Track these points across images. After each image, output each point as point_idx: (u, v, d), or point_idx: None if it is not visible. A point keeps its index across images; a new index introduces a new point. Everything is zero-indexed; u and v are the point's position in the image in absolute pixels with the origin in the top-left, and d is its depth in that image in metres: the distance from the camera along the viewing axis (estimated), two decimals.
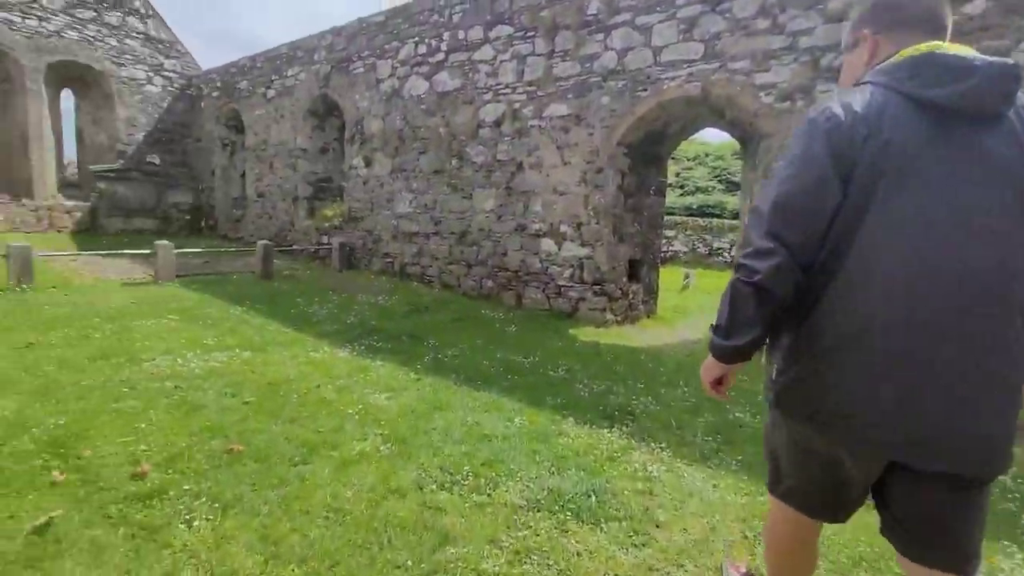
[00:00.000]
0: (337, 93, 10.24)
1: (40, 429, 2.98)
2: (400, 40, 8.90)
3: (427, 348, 5.24)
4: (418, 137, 8.79)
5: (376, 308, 6.94)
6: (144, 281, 7.60)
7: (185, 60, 13.80)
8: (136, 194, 13.08)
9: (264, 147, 12.19)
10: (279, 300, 7.00)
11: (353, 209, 10.12)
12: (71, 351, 4.35)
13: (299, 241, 11.38)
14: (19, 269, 6.08)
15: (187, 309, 6.09)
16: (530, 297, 7.37)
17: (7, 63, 11.11)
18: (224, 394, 3.71)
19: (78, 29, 11.83)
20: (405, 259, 9.20)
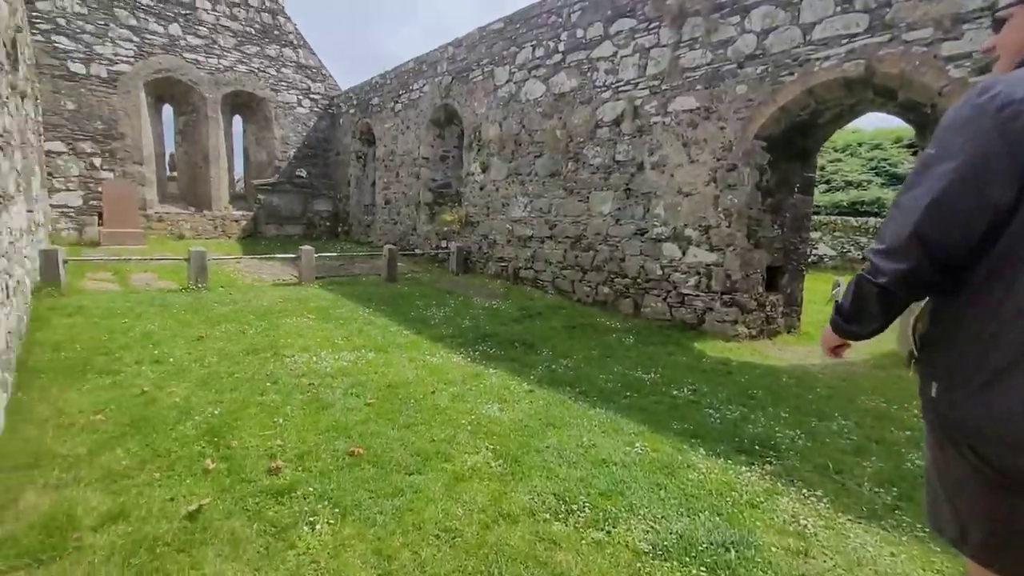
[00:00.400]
0: (457, 102, 10.61)
1: (200, 417, 3.34)
2: (517, 45, 8.93)
3: (540, 357, 5.09)
4: (534, 141, 8.74)
5: (490, 312, 6.98)
6: (290, 282, 8.48)
7: (328, 83, 15.37)
8: (287, 203, 14.85)
9: (391, 157, 13.08)
10: (401, 302, 7.35)
11: (470, 214, 10.40)
12: (230, 344, 4.91)
13: (420, 245, 12.01)
14: (196, 271, 7.11)
15: (323, 308, 6.63)
16: (649, 306, 6.90)
17: (194, 97, 13.28)
18: (349, 394, 3.89)
19: (246, 63, 13.75)
20: (519, 263, 9.21)
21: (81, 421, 3.19)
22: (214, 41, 13.27)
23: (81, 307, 5.75)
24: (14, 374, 3.76)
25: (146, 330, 5.15)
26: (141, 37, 12.22)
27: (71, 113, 11.54)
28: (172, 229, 13.07)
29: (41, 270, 6.12)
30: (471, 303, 7.53)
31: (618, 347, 5.58)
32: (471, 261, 10.38)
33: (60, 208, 11.60)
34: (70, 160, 11.64)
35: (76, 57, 11.48)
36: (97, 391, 3.67)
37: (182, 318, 5.72)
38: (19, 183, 5.58)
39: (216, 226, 13.81)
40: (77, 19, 11.43)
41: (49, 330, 4.93)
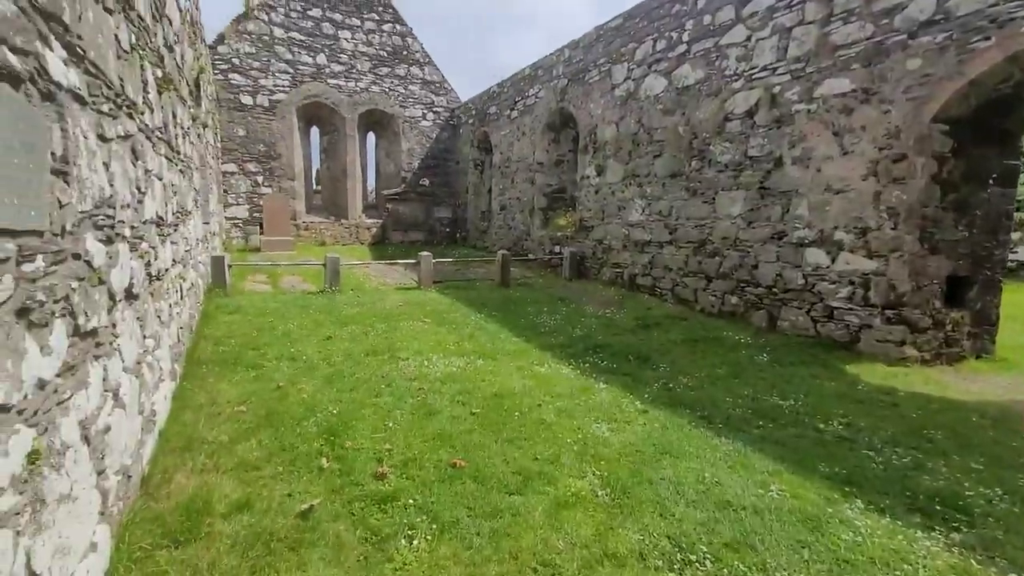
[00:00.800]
0: (572, 105, 10.42)
1: (322, 415, 3.55)
2: (637, 40, 8.49)
3: (656, 373, 4.68)
4: (653, 140, 8.23)
5: (603, 321, 6.66)
6: (410, 286, 8.96)
7: (450, 96, 16.17)
8: (411, 211, 15.88)
9: (507, 164, 13.30)
10: (512, 308, 7.34)
11: (584, 218, 10.14)
12: (354, 345, 5.24)
13: (534, 250, 12.01)
14: (331, 275, 7.81)
15: (438, 312, 6.85)
16: (788, 319, 6.05)
17: (335, 118, 14.81)
18: (456, 401, 3.89)
19: (378, 83, 15.01)
20: (635, 270, 8.74)
21: (228, 411, 3.56)
22: (352, 66, 14.66)
23: (240, 307, 6.58)
24: (183, 364, 4.36)
25: (287, 329, 5.71)
26: (295, 68, 13.92)
27: (241, 139, 13.52)
28: (316, 236, 14.67)
29: (212, 273, 7.14)
30: (583, 311, 7.27)
31: (748, 366, 4.94)
32: (585, 267, 10.10)
33: (232, 220, 13.63)
34: (240, 179, 13.63)
35: (246, 90, 13.43)
36: (243, 383, 4.09)
37: (316, 318, 6.27)
38: (197, 200, 6.55)
39: (351, 233, 15.21)
40: (248, 58, 13.36)
41: (214, 326, 5.69)
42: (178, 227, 4.63)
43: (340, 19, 14.40)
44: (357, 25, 14.63)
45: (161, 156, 3.87)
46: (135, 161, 2.92)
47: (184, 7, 5.96)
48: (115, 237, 2.38)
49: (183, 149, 5.29)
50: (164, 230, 3.82)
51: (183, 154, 5.27)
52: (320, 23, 14.15)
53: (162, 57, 4.08)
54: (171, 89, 4.58)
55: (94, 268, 2.05)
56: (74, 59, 1.94)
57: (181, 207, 4.96)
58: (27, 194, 1.44)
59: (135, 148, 2.93)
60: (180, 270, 4.66)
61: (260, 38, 13.44)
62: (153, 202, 3.41)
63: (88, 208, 2.02)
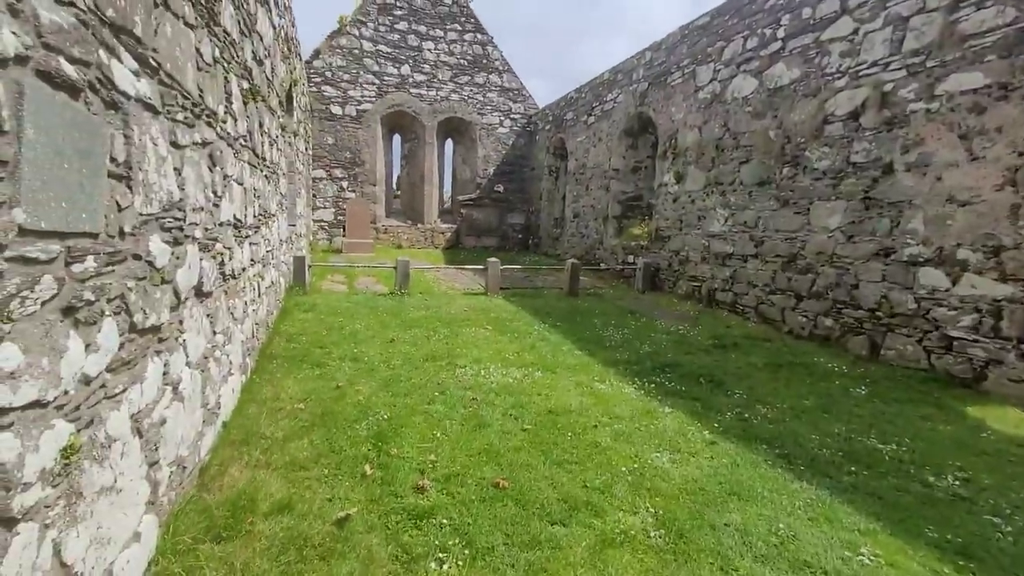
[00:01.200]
0: (652, 109, 9.99)
1: (373, 419, 3.56)
2: (725, 39, 7.95)
3: (730, 400, 4.26)
4: (739, 145, 7.64)
5: (675, 338, 6.24)
6: (477, 292, 8.98)
7: (528, 103, 16.21)
8: (485, 217, 16.07)
9: (582, 170, 13.05)
10: (578, 319, 7.10)
11: (660, 228, 9.65)
12: (414, 349, 5.28)
13: (606, 259, 11.65)
14: (401, 278, 8.01)
15: (501, 320, 6.77)
16: (894, 348, 5.30)
17: (416, 126, 15.36)
18: (508, 415, 3.75)
19: (458, 92, 15.37)
20: (714, 284, 8.15)
21: (288, 407, 3.68)
22: (434, 76, 15.14)
23: (315, 305, 6.91)
24: (256, 359, 4.60)
25: (354, 329, 5.89)
26: (381, 79, 14.62)
27: (330, 147, 14.40)
28: (393, 240, 15.26)
29: (293, 273, 7.59)
30: (654, 325, 6.87)
31: (842, 399, 4.36)
32: (659, 279, 9.61)
33: (319, 222, 14.53)
34: (327, 184, 14.51)
35: (336, 101, 14.29)
36: (307, 381, 4.23)
37: (383, 320, 6.43)
38: (282, 204, 6.98)
39: (426, 237, 15.66)
40: (339, 71, 14.23)
41: (289, 322, 6.00)
42: (259, 229, 4.91)
43: (424, 31, 14.94)
44: (440, 36, 15.10)
45: (243, 162, 4.11)
46: (212, 167, 3.09)
47: (278, 24, 6.39)
48: (184, 239, 2.51)
49: (269, 156, 5.64)
50: (242, 232, 4.04)
51: (269, 161, 5.61)
52: (406, 35, 14.76)
53: (249, 70, 4.34)
54: (258, 100, 4.88)
55: (157, 268, 2.14)
56: (147, 70, 2.04)
57: (264, 210, 5.28)
58: (78, 198, 1.50)
59: (213, 154, 3.09)
60: (259, 269, 4.94)
61: (351, 52, 14.26)
62: (231, 205, 3.60)
63: (154, 211, 2.12)
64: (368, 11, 14.37)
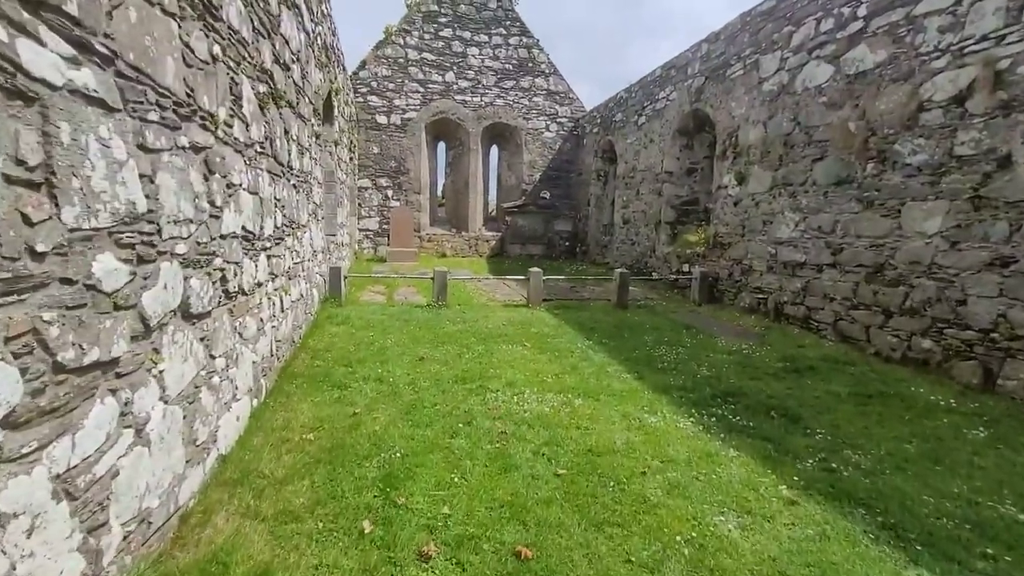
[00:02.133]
0: (709, 105, 9.19)
1: (387, 455, 3.13)
2: (794, 23, 7.11)
3: (810, 441, 3.53)
4: (812, 140, 6.77)
5: (738, 359, 5.49)
6: (519, 303, 8.50)
7: (575, 105, 15.65)
8: (530, 224, 15.61)
9: (632, 174, 12.33)
10: (627, 335, 6.47)
11: (719, 234, 8.82)
12: (444, 369, 4.86)
13: (658, 268, 10.88)
14: (438, 289, 7.67)
15: (542, 336, 6.25)
16: (1017, 377, 4.35)
17: (461, 132, 15.16)
18: (540, 454, 3.23)
19: (503, 97, 15.05)
20: (783, 296, 7.26)
21: (296, 438, 3.32)
22: (479, 81, 14.89)
23: (348, 318, 6.66)
24: (276, 378, 4.32)
25: (384, 344, 5.55)
26: (425, 87, 14.53)
27: (375, 156, 14.44)
28: (437, 248, 15.09)
29: (330, 284, 7.41)
30: (713, 343, 6.13)
31: (955, 443, 3.52)
32: (718, 290, 8.77)
33: (364, 231, 14.58)
34: (372, 193, 14.55)
35: (381, 111, 14.33)
36: (323, 405, 3.89)
37: (416, 334, 6.07)
38: (317, 214, 6.80)
39: (470, 245, 15.39)
40: (384, 81, 14.27)
41: (318, 336, 5.75)
42: (282, 241, 4.66)
43: (469, 36, 14.74)
44: (485, 41, 14.85)
45: (260, 170, 3.84)
46: (209, 174, 2.79)
47: (312, 30, 6.21)
48: (156, 256, 2.18)
49: (299, 165, 5.43)
50: (256, 244, 3.76)
51: (298, 169, 5.40)
52: (450, 42, 14.62)
53: (269, 73, 4.09)
54: (282, 106, 4.64)
55: (105, 292, 1.80)
56: (94, 59, 1.71)
57: (291, 221, 5.04)
58: None
59: (210, 161, 2.79)
60: (282, 283, 4.69)
61: (395, 61, 14.27)
62: (238, 216, 3.31)
63: (103, 224, 1.78)
64: (413, 20, 14.35)
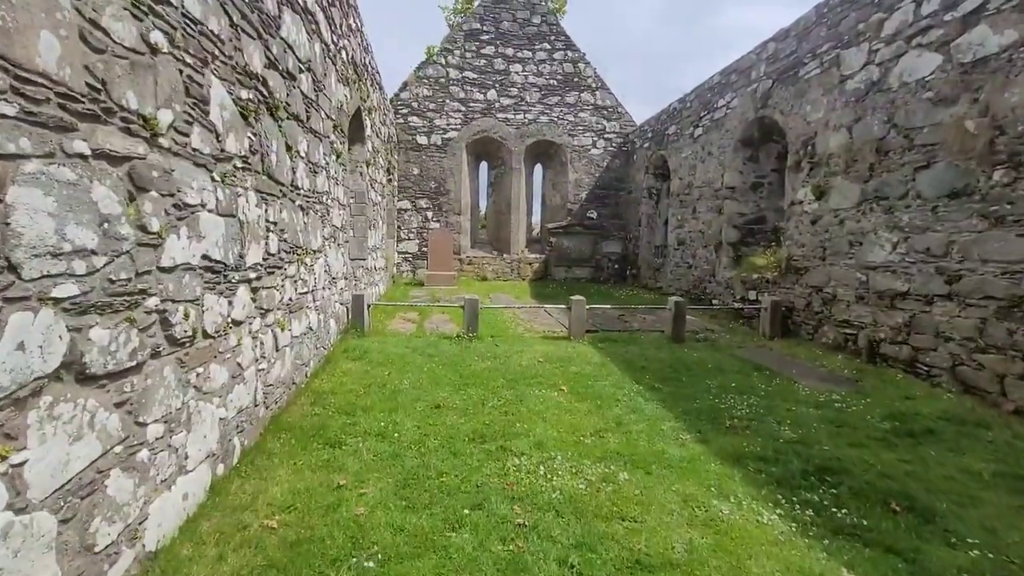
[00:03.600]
0: (778, 111, 8.09)
1: (366, 554, 2.36)
2: (885, 9, 6.00)
3: (961, 558, 2.43)
4: (913, 144, 5.59)
5: (830, 414, 4.36)
6: (559, 335, 7.62)
7: (624, 120, 14.78)
8: (576, 246, 14.72)
9: (687, 191, 11.26)
10: (685, 377, 5.45)
11: (793, 257, 7.62)
12: (462, 421, 4.06)
13: (719, 295, 9.69)
14: (468, 319, 6.93)
15: (583, 377, 5.35)
16: None
17: (503, 151, 14.62)
18: (568, 566, 2.35)
19: (547, 113, 14.42)
20: (879, 332, 6.00)
21: (256, 525, 2.61)
22: (522, 98, 14.36)
23: (367, 351, 6.03)
24: (260, 432, 3.67)
25: (398, 386, 4.84)
26: (467, 106, 14.15)
27: (415, 177, 14.13)
28: (477, 271, 14.47)
29: (352, 312, 6.85)
30: (794, 391, 5.01)
31: None
32: (793, 322, 7.54)
33: (403, 254, 14.21)
34: (412, 215, 14.20)
35: (422, 131, 14.05)
36: (305, 472, 3.18)
37: (437, 373, 5.33)
38: (337, 237, 6.27)
39: (512, 268, 14.67)
40: (425, 101, 14.01)
41: (327, 375, 5.12)
42: (279, 269, 4.08)
43: (512, 53, 14.29)
44: (528, 57, 14.35)
45: (240, 188, 3.26)
46: (136, 190, 2.17)
47: (334, 42, 5.77)
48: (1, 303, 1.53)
49: (308, 184, 4.89)
50: (230, 276, 3.15)
51: (307, 189, 4.86)
52: (492, 60, 14.22)
53: (260, 79, 3.55)
54: (285, 118, 4.11)
55: None
56: None
57: (294, 246, 4.47)
58: None
59: (137, 174, 2.18)
60: (278, 318, 4.08)
61: (437, 80, 14.00)
62: (195, 243, 2.69)
63: None
64: (455, 38, 14.08)
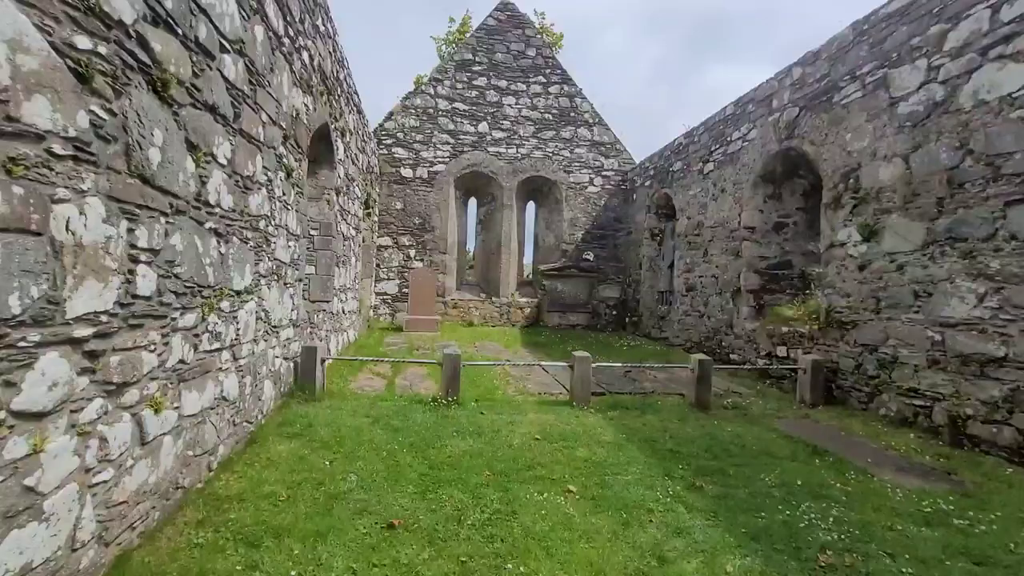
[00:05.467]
0: (808, 141, 7.14)
1: None
2: (947, 19, 5.11)
3: None
4: (1001, 174, 4.54)
5: (953, 537, 3.03)
6: (559, 399, 6.26)
7: (623, 157, 13.96)
8: (571, 290, 13.52)
9: (697, 231, 10.21)
10: (730, 467, 4.10)
11: (836, 308, 6.45)
12: (426, 559, 2.66)
13: (739, 349, 8.46)
14: (447, 381, 5.56)
15: (595, 468, 3.97)
16: None
17: (493, 187, 13.64)
18: None
19: (541, 148, 13.56)
20: (963, 407, 4.75)
21: None
22: (515, 132, 13.51)
23: (311, 424, 4.60)
24: None
25: (340, 488, 3.42)
26: (456, 138, 13.23)
27: (398, 212, 12.99)
28: (463, 315, 13.14)
29: (301, 369, 5.45)
30: (880, 490, 3.70)
31: None
32: (839, 386, 6.28)
33: (382, 295, 12.87)
34: (393, 252, 12.97)
35: (407, 163, 13.04)
36: None
37: (400, 460, 3.92)
38: (284, 274, 4.97)
39: (502, 313, 13.37)
40: (411, 131, 13.07)
41: (243, 468, 3.67)
42: (160, 319, 2.74)
43: (505, 85, 13.54)
44: (522, 90, 13.60)
45: (59, 188, 1.97)
46: None
47: (288, 34, 4.66)
48: None
49: (230, 202, 3.63)
50: (20, 336, 1.82)
51: (228, 208, 3.59)
52: (484, 91, 13.43)
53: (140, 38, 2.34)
54: (191, 104, 2.88)
55: None
56: None
57: (197, 285, 3.15)
58: None
59: None
60: (147, 394, 2.71)
61: (425, 111, 13.12)
62: None
63: None
64: (446, 68, 13.31)
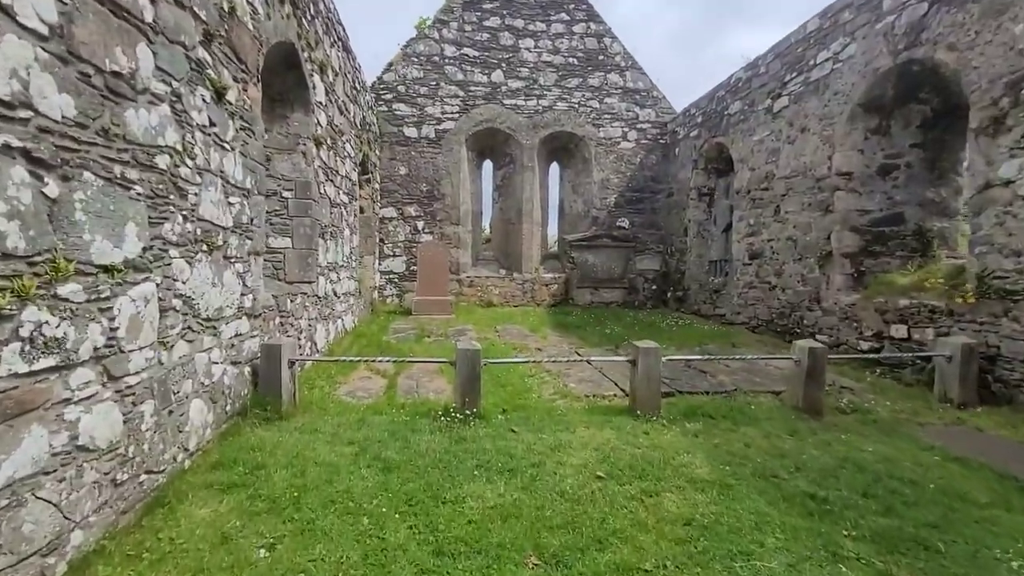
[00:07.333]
0: (944, 47, 5.29)
1: None
2: None
3: None
4: None
5: None
6: (614, 404, 4.69)
7: (660, 107, 12.06)
8: (604, 262, 11.84)
9: (765, 184, 8.40)
10: (916, 525, 2.53)
11: (996, 273, 4.70)
12: None
13: (829, 328, 6.76)
14: (464, 386, 4.01)
15: (705, 541, 2.41)
16: None
17: (511, 146, 11.92)
18: None
19: (565, 98, 11.76)
20: None
21: None
22: (534, 81, 11.70)
23: (262, 464, 3.11)
24: None
25: None
26: (466, 91, 11.49)
27: (402, 178, 11.39)
28: (481, 295, 11.60)
29: (261, 376, 3.96)
30: None
31: None
32: (1003, 380, 4.58)
33: (387, 275, 11.38)
34: (398, 225, 11.42)
35: (410, 121, 11.37)
36: None
37: (387, 537, 2.41)
38: (212, 243, 3.43)
39: (524, 291, 11.79)
40: (414, 84, 11.36)
41: (131, 547, 2.19)
42: None
43: (522, 25, 11.67)
44: (542, 30, 11.73)
45: None
46: None
47: None
48: None
49: (56, 104, 2.07)
50: None
51: (51, 116, 2.03)
52: (498, 33, 11.59)
53: None
54: None
55: None
56: None
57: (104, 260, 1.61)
58: None
59: None
60: None
61: (429, 59, 11.37)
62: None
63: None
64: (452, 8, 11.46)
